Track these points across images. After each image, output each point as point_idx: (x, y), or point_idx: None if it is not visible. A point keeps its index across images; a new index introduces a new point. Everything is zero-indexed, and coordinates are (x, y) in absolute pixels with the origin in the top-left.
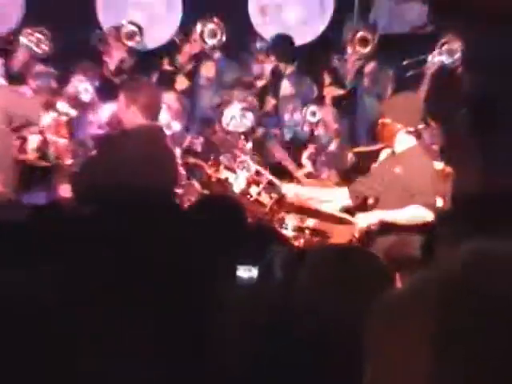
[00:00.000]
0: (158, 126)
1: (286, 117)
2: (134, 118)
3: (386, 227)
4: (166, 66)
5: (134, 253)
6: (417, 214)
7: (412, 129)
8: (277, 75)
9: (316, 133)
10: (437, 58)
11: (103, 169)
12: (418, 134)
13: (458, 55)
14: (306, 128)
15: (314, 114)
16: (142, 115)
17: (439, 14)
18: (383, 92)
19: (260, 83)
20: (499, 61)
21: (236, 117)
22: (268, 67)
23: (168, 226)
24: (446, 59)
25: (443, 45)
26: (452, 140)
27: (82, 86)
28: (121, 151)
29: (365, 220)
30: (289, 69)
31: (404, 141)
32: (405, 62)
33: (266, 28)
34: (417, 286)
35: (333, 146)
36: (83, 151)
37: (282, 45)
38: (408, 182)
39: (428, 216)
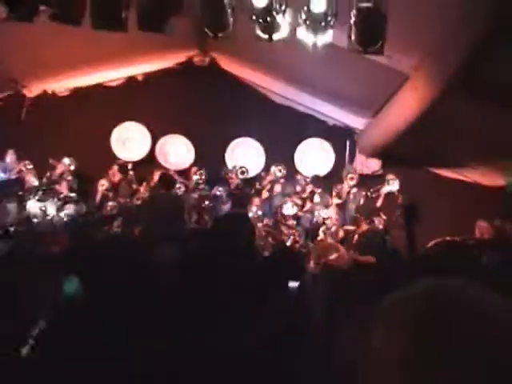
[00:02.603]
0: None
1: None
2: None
3: None
4: (258, 186)
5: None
6: None
7: (368, 221)
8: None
9: (327, 222)
10: (387, 188)
11: None
12: (371, 222)
13: (396, 187)
14: (320, 219)
15: (325, 214)
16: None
17: (385, 165)
18: (359, 201)
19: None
20: (420, 190)
21: (289, 209)
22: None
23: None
24: (390, 188)
25: (389, 181)
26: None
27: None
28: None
29: None
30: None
31: (364, 226)
32: (371, 190)
33: (306, 170)
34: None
35: (333, 229)
36: None
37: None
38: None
39: None
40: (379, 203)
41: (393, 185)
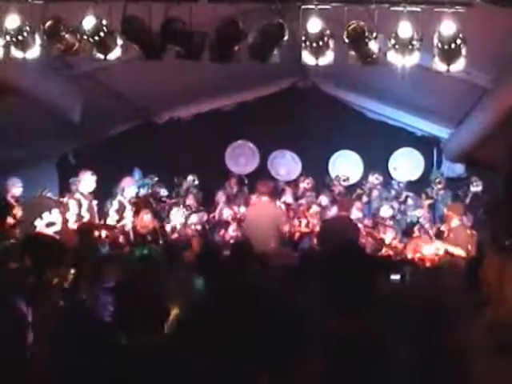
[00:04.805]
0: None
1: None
2: None
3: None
4: (358, 191)
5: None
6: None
7: (459, 217)
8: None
9: (420, 220)
10: (472, 189)
11: None
12: (461, 219)
13: (480, 188)
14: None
15: (419, 213)
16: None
17: (469, 169)
18: (447, 201)
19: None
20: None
21: (386, 211)
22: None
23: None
24: (476, 189)
25: (473, 183)
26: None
27: None
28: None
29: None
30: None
31: (455, 222)
32: (459, 191)
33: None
34: None
35: (426, 226)
36: None
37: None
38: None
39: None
40: (467, 202)
41: (477, 186)
